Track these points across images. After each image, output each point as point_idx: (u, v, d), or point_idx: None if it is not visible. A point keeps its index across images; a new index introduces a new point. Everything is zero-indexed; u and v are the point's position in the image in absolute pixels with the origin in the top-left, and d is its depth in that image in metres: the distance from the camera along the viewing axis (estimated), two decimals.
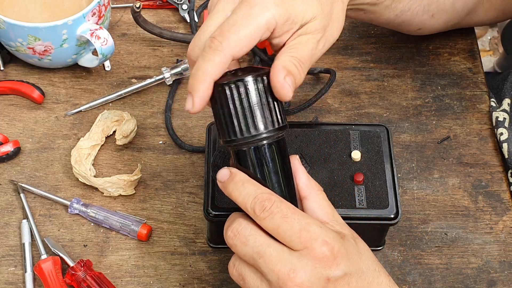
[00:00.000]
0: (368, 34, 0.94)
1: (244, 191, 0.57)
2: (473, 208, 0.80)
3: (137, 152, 0.83)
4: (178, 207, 0.79)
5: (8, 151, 0.80)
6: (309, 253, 0.55)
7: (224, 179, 0.58)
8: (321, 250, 0.55)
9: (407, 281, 0.75)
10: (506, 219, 0.79)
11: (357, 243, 0.59)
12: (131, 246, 0.76)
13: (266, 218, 0.55)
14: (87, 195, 0.79)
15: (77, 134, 0.83)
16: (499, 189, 0.81)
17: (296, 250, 0.55)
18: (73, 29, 0.81)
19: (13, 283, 0.73)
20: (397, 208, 0.69)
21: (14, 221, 0.77)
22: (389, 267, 0.76)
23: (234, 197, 0.57)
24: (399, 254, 0.76)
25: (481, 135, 0.86)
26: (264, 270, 0.55)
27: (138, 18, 0.85)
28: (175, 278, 0.75)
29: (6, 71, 0.88)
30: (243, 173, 0.58)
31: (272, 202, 0.55)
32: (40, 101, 0.85)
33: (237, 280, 0.58)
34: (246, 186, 0.57)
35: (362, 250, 0.59)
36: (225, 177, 0.58)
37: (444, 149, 0.84)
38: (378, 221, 0.69)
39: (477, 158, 0.84)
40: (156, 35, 0.88)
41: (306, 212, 0.60)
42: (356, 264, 0.57)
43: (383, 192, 0.70)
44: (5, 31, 0.80)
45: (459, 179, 0.82)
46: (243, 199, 0.56)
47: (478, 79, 0.90)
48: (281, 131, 0.58)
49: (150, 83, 0.87)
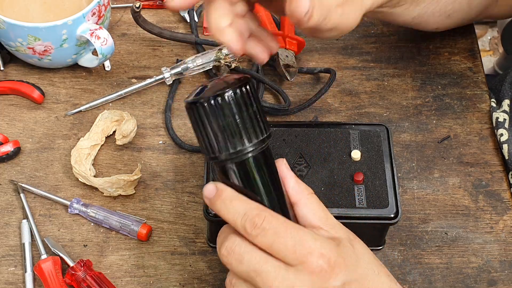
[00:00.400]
0: (368, 34, 0.94)
1: (232, 209, 0.55)
2: (474, 207, 0.80)
3: (137, 152, 0.83)
4: (178, 207, 0.79)
5: (8, 151, 0.80)
6: (305, 268, 0.53)
7: (211, 196, 0.56)
8: (318, 264, 0.53)
9: (407, 280, 0.75)
10: (506, 218, 0.79)
11: (354, 246, 0.58)
12: (131, 246, 0.76)
13: (258, 235, 0.53)
14: (87, 195, 0.79)
15: (77, 134, 0.83)
16: (499, 189, 0.81)
17: (293, 265, 0.54)
18: (73, 29, 0.81)
19: (13, 283, 0.73)
20: (397, 207, 0.69)
21: (14, 221, 0.77)
22: (389, 266, 0.76)
23: (223, 215, 0.55)
24: (399, 253, 0.76)
25: (481, 135, 0.85)
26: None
27: (138, 18, 0.85)
28: (175, 278, 0.74)
29: (6, 71, 0.88)
30: (230, 189, 0.56)
31: (263, 218, 0.54)
32: (40, 101, 0.85)
33: None
34: (234, 204, 0.55)
35: (360, 253, 0.58)
36: (212, 193, 0.56)
37: (445, 148, 0.84)
38: (378, 220, 0.69)
39: (478, 158, 0.84)
40: (156, 34, 0.88)
41: (298, 219, 0.58)
42: (354, 271, 0.56)
43: (383, 192, 0.70)
44: (5, 31, 0.80)
45: (460, 179, 0.82)
46: (233, 217, 0.55)
47: (479, 79, 0.90)
48: (266, 141, 0.56)
49: (150, 83, 0.87)
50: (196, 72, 0.87)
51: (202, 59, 0.87)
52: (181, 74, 0.87)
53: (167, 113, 0.85)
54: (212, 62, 0.87)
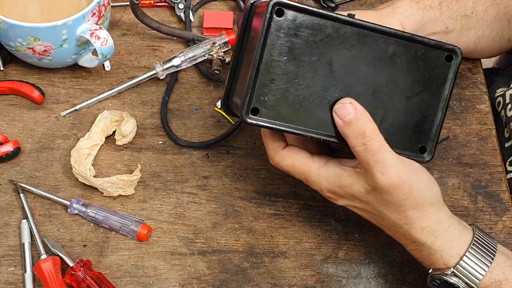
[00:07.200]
0: None
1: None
2: (473, 208, 0.80)
3: (137, 152, 0.83)
4: (178, 207, 0.79)
5: (8, 151, 0.80)
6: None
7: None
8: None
9: (407, 281, 0.75)
10: (505, 219, 0.79)
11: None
12: (131, 246, 0.76)
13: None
14: (86, 195, 0.79)
15: (77, 134, 0.83)
16: (498, 189, 0.81)
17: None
18: (73, 29, 0.81)
19: (12, 283, 0.73)
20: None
21: (14, 221, 0.77)
22: (389, 267, 0.76)
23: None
24: (399, 254, 0.77)
25: (480, 135, 0.86)
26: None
27: (136, 11, 0.85)
28: (174, 278, 0.75)
29: (6, 71, 0.88)
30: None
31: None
32: (40, 101, 0.85)
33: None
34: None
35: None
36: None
37: (444, 149, 0.84)
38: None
39: (477, 158, 0.84)
40: (154, 29, 0.88)
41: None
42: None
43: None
44: (5, 31, 0.80)
45: (459, 179, 0.82)
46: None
47: (478, 79, 0.90)
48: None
49: (143, 79, 0.87)
50: (189, 66, 0.88)
51: (194, 52, 0.87)
52: (174, 68, 0.87)
53: (163, 108, 0.85)
54: (204, 55, 0.87)
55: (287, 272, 0.76)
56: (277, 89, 0.63)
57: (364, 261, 0.77)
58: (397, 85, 0.66)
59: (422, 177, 0.66)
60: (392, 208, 0.66)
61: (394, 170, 0.63)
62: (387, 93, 0.66)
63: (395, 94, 0.66)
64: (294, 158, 0.68)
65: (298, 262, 0.77)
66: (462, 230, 0.67)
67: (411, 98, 0.67)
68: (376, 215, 0.68)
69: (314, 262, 0.77)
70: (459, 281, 0.66)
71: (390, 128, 0.66)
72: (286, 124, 0.64)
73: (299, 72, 0.63)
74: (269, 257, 0.77)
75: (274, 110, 0.63)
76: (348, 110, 0.63)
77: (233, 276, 0.75)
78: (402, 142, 0.67)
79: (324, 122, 0.64)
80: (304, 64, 0.63)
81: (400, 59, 0.66)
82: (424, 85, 0.67)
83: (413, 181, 0.64)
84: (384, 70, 0.65)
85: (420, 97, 0.67)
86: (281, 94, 0.63)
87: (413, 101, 0.67)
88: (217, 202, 0.80)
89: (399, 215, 0.66)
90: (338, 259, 0.77)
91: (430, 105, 0.67)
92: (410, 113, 0.67)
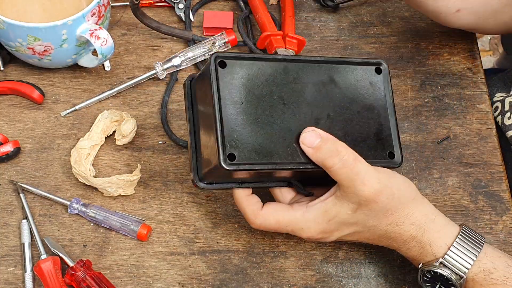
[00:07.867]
0: (368, 34, 0.94)
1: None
2: (473, 208, 0.80)
3: (137, 152, 0.83)
4: (178, 207, 0.79)
5: (8, 151, 0.80)
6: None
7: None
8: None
9: (407, 281, 0.75)
10: (505, 219, 0.79)
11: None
12: (131, 246, 0.76)
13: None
14: (86, 195, 0.79)
15: (77, 134, 0.83)
16: (498, 189, 0.81)
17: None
18: (72, 29, 0.81)
19: (12, 283, 0.73)
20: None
21: (14, 221, 0.77)
22: (389, 267, 0.76)
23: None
24: (399, 254, 0.76)
25: (481, 135, 0.85)
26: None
27: (136, 11, 0.85)
28: (174, 278, 0.75)
29: (6, 71, 0.88)
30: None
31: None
32: (40, 101, 0.85)
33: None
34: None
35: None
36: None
37: (444, 149, 0.84)
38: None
39: (477, 158, 0.84)
40: (154, 29, 0.88)
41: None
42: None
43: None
44: (5, 31, 0.80)
45: (459, 179, 0.82)
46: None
47: (478, 79, 0.90)
48: None
49: (143, 79, 0.87)
50: (189, 66, 0.88)
51: (194, 52, 0.87)
52: (174, 68, 0.87)
53: (163, 109, 0.85)
54: (204, 54, 0.87)
55: (287, 272, 0.76)
56: (245, 132, 0.65)
57: (364, 261, 0.77)
58: (346, 103, 0.70)
59: (398, 178, 0.68)
60: (380, 216, 0.67)
61: (373, 178, 0.65)
62: (340, 112, 0.70)
63: (347, 112, 0.70)
64: (277, 214, 0.69)
65: (298, 262, 0.77)
66: (448, 222, 0.69)
67: (361, 112, 0.70)
68: (366, 232, 0.69)
69: (314, 262, 0.77)
70: (448, 270, 0.67)
71: (354, 142, 0.69)
72: (264, 162, 0.65)
73: (257, 112, 0.66)
74: (269, 257, 0.77)
75: (249, 151, 0.65)
76: (313, 138, 0.66)
77: (233, 276, 0.75)
78: (371, 153, 0.70)
79: (296, 152, 0.67)
80: (259, 104, 0.66)
81: (339, 80, 0.70)
82: (368, 98, 0.71)
83: (392, 183, 0.67)
84: (330, 93, 0.70)
85: (369, 109, 0.71)
86: (250, 135, 0.65)
87: (364, 114, 0.71)
88: (217, 202, 0.80)
89: (388, 219, 0.68)
90: (338, 259, 0.77)
91: (379, 114, 0.71)
92: (366, 125, 0.70)
